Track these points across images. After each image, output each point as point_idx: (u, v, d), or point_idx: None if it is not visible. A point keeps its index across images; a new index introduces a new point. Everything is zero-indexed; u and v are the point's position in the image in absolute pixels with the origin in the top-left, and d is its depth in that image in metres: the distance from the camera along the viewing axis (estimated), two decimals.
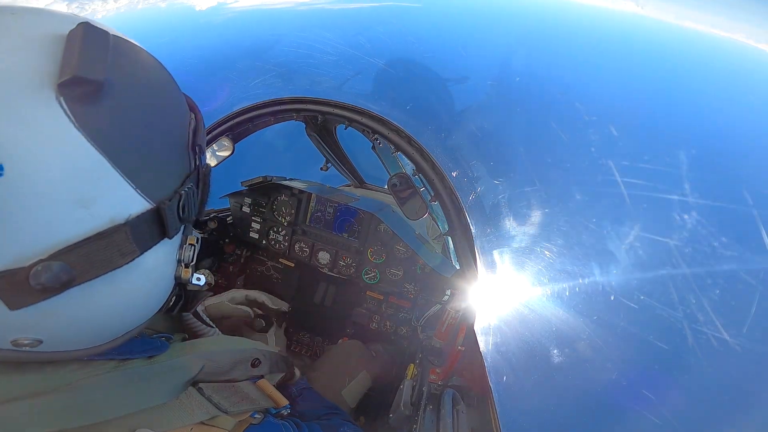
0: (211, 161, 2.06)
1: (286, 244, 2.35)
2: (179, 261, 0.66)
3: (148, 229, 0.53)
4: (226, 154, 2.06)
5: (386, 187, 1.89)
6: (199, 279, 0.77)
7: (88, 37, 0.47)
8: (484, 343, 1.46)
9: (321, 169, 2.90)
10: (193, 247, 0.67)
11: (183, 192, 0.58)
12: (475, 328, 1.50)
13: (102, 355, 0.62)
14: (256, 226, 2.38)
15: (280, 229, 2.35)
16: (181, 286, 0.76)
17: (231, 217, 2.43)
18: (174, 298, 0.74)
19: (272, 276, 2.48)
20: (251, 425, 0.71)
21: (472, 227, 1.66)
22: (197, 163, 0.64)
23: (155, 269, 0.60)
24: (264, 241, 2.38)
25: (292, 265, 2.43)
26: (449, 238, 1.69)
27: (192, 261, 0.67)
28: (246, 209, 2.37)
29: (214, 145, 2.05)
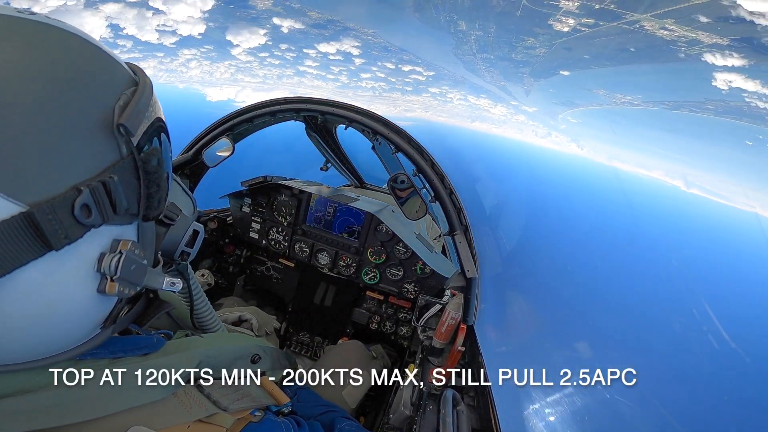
0: (212, 161, 2.06)
1: (286, 244, 2.35)
2: (103, 273, 0.53)
3: (16, 239, 0.41)
4: (226, 154, 2.06)
5: (386, 187, 1.89)
6: (173, 284, 0.66)
7: None
8: (483, 343, 1.46)
9: (321, 169, 2.90)
10: (120, 256, 0.53)
11: (91, 186, 0.46)
12: (475, 328, 1.51)
13: (92, 354, 0.60)
14: (256, 226, 2.38)
15: (280, 229, 2.35)
16: (149, 292, 0.69)
17: (231, 217, 2.43)
18: (126, 308, 0.64)
19: (272, 276, 2.48)
20: (250, 423, 0.70)
21: (471, 228, 1.66)
22: (131, 149, 0.52)
23: (49, 289, 0.47)
24: (264, 241, 2.38)
25: (292, 265, 2.43)
26: (449, 238, 1.69)
27: (116, 274, 0.53)
28: (246, 209, 2.37)
29: (214, 145, 2.05)
